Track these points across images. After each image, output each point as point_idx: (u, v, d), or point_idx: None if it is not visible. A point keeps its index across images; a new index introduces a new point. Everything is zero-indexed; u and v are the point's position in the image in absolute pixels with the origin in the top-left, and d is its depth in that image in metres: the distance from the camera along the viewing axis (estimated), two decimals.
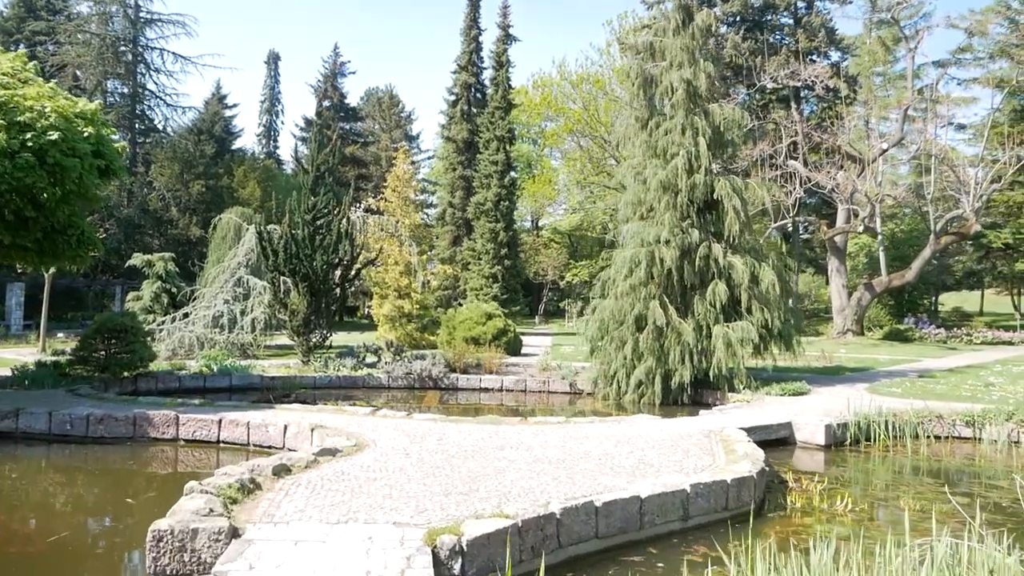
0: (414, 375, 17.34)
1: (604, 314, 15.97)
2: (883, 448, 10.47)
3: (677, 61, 16.37)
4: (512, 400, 16.45)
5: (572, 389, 17.11)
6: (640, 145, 16.51)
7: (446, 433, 9.07)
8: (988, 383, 15.35)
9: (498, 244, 38.03)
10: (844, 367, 19.38)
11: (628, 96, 16.73)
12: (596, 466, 7.26)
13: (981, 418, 11.33)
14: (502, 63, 38.43)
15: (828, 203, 40.99)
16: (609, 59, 48.77)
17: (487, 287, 37.68)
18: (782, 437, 10.70)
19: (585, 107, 47.33)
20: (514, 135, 41.34)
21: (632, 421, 10.45)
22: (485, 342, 22.21)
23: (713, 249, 15.24)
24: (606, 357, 16.03)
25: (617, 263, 16.05)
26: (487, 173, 38.18)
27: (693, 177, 15.46)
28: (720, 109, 16.11)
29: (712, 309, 15.02)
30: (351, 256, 19.50)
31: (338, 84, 57.54)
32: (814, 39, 36.02)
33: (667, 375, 15.13)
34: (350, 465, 7.01)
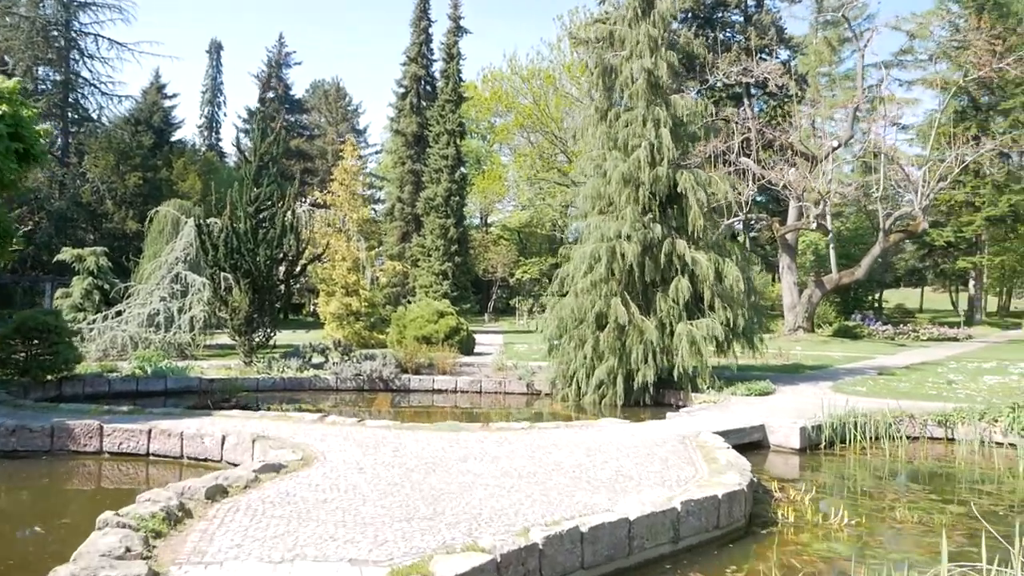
0: (364, 376, 16.47)
1: (563, 312, 15.38)
2: (858, 451, 10.08)
3: (638, 50, 15.84)
4: (467, 402, 15.72)
5: (529, 390, 16.46)
6: (599, 137, 15.94)
7: (402, 442, 8.30)
8: (949, 380, 15.24)
9: (448, 240, 37.22)
10: (803, 365, 19.18)
11: (587, 86, 16.22)
12: (571, 480, 6.60)
13: (953, 418, 11.06)
14: (453, 55, 37.58)
15: (777, 201, 41.31)
16: (560, 54, 48.43)
17: (437, 284, 36.84)
18: (755, 440, 10.22)
19: (535, 102, 46.85)
20: (465, 129, 40.55)
21: (600, 426, 9.83)
22: (437, 341, 21.42)
23: (676, 245, 14.76)
24: (565, 357, 15.44)
25: (576, 259, 15.46)
26: (437, 168, 37.31)
27: (655, 170, 14.95)
28: (683, 100, 15.65)
29: (675, 306, 14.54)
30: (296, 251, 18.50)
31: (283, 75, 55.82)
32: (764, 37, 36.14)
33: (629, 375, 14.61)
34: (296, 484, 6.20)
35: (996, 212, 37.89)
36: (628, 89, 15.95)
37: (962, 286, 55.63)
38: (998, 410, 10.94)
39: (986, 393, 13.70)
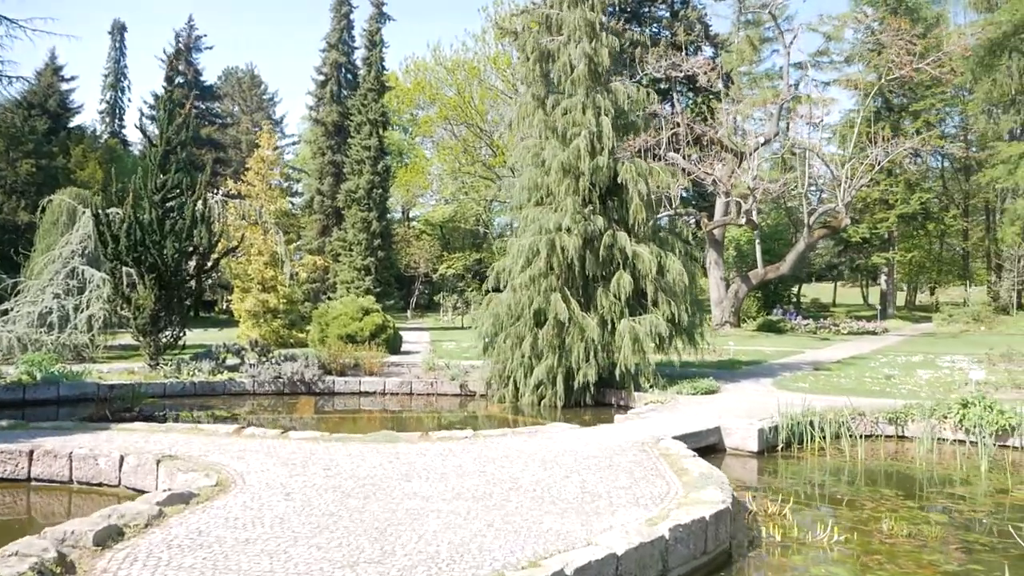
0: (284, 379, 15.26)
1: (499, 308, 14.57)
2: (816, 452, 9.65)
3: (576, 36, 15.14)
4: (397, 404, 14.73)
5: (463, 391, 15.60)
6: (537, 125, 15.17)
7: (334, 458, 7.32)
8: (887, 375, 15.18)
9: (371, 234, 35.87)
10: (738, 361, 18.96)
11: (513, 79, 15.47)
12: (533, 501, 5.79)
13: (904, 415, 10.80)
14: (375, 42, 36.19)
15: (703, 196, 41.63)
16: (484, 46, 47.56)
17: (359, 280, 35.47)
18: (711, 444, 9.66)
19: (460, 94, 45.88)
20: (388, 119, 39.22)
21: (551, 433, 9.06)
22: (362, 340, 20.29)
23: (618, 238, 14.14)
24: (501, 355, 14.64)
25: (513, 252, 14.66)
26: (359, 159, 35.88)
27: (596, 159, 14.29)
28: (624, 87, 15.06)
29: (617, 302, 13.92)
30: (208, 244, 17.04)
31: (193, 60, 52.87)
32: (691, 33, 36.23)
33: (569, 374, 13.93)
34: (211, 518, 5.17)
35: (908, 210, 39.16)
36: (567, 75, 15.23)
37: (872, 281, 57.76)
38: (947, 407, 10.73)
39: (925, 387, 13.64)
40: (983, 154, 41.17)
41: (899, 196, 39.62)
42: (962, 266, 50.15)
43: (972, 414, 10.44)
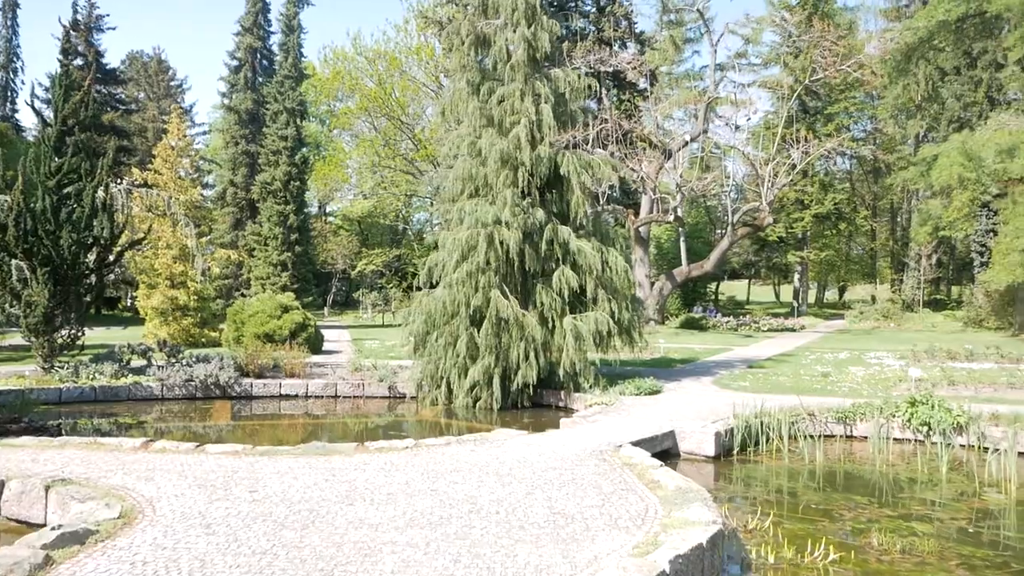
0: (196, 382, 14.02)
1: (432, 306, 13.74)
2: (773, 455, 9.27)
3: (514, 19, 14.44)
4: (322, 408, 13.71)
5: (392, 393, 14.71)
6: (472, 113, 14.39)
7: (260, 476, 6.39)
8: (824, 373, 15.11)
9: (288, 228, 34.30)
10: (671, 358, 18.71)
11: (456, 58, 14.64)
12: (500, 526, 5.06)
13: (853, 414, 10.59)
14: (293, 27, 34.58)
15: (627, 193, 41.70)
16: (407, 37, 46.38)
17: (275, 276, 33.86)
18: (665, 448, 9.14)
19: (380, 85, 44.58)
20: (306, 108, 37.58)
21: (498, 441, 8.34)
22: (282, 339, 19.07)
23: (559, 232, 13.54)
24: (434, 355, 13.82)
25: (448, 247, 13.86)
26: (275, 149, 34.22)
27: (537, 150, 13.65)
28: (564, 74, 14.47)
29: (557, 299, 13.33)
30: (110, 235, 15.53)
31: (94, 40, 49.47)
32: (617, 29, 36.09)
33: (507, 375, 13.26)
34: (113, 564, 4.22)
35: (822, 210, 40.25)
36: (503, 61, 14.52)
37: (783, 279, 59.48)
38: (895, 405, 10.58)
39: (864, 385, 13.59)
40: (891, 157, 42.77)
41: (814, 196, 40.69)
42: (869, 265, 52.13)
43: (921, 412, 10.32)
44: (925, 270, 39.37)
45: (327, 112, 56.70)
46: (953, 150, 25.36)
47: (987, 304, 30.42)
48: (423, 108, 48.61)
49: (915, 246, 39.50)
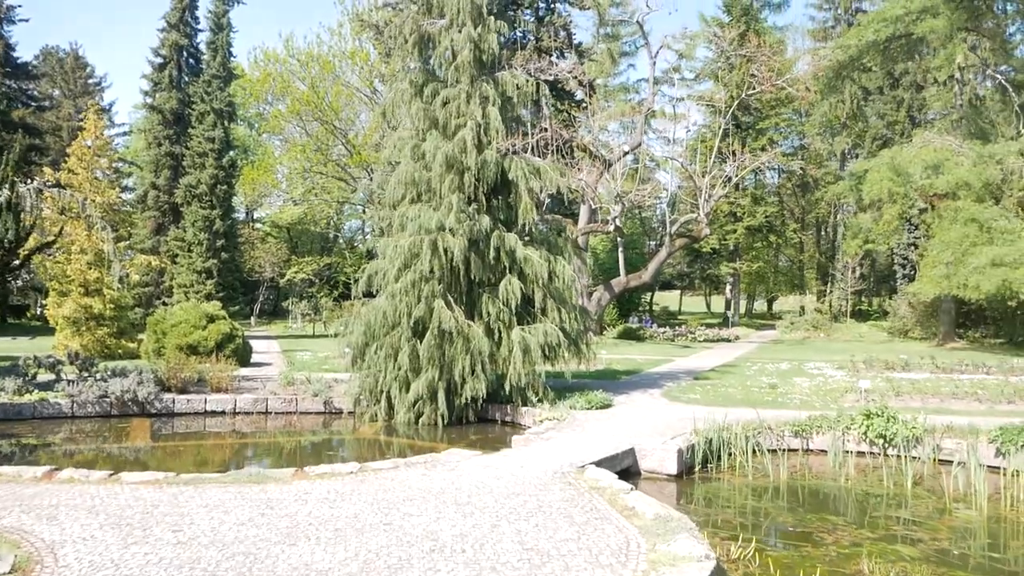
0: (111, 399, 12.90)
1: (372, 316, 13.00)
2: (736, 471, 8.91)
3: (459, 19, 13.89)
4: (252, 426, 12.79)
5: (327, 408, 13.88)
6: (416, 114, 13.75)
7: (186, 511, 5.61)
8: (771, 384, 14.97)
9: (213, 234, 32.78)
10: (615, 370, 18.37)
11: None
12: (469, 569, 4.45)
13: (809, 428, 10.37)
14: (222, 25, 33.17)
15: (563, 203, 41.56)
16: (341, 41, 45.32)
17: (199, 283, 32.29)
18: (626, 467, 8.66)
19: (313, 88, 43.37)
20: (235, 110, 36.12)
21: (451, 463, 7.71)
22: (207, 351, 17.93)
23: (506, 239, 13.00)
24: (373, 368, 13.09)
25: (390, 254, 13.17)
26: (201, 151, 32.71)
27: (483, 154, 13.10)
28: (512, 77, 13.96)
29: (505, 309, 12.78)
30: (16, 237, 14.26)
31: (4, 32, 46.54)
32: (555, 39, 35.93)
33: (451, 389, 12.63)
34: None
35: (754, 222, 40.95)
36: (448, 62, 13.93)
37: (714, 290, 60.48)
38: (850, 418, 10.42)
39: (814, 397, 13.47)
40: (819, 172, 43.92)
41: (746, 209, 41.37)
42: (798, 276, 53.43)
43: (876, 425, 10.17)
44: (852, 282, 40.44)
45: (256, 116, 54.94)
46: (883, 165, 26.01)
47: (912, 315, 31.32)
48: (357, 114, 47.58)
49: (843, 258, 40.56)
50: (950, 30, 26.52)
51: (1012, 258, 22.41)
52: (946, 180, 24.64)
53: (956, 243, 24.06)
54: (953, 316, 28.81)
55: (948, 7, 26.79)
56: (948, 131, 27.54)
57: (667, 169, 45.81)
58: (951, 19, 26.51)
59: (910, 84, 37.62)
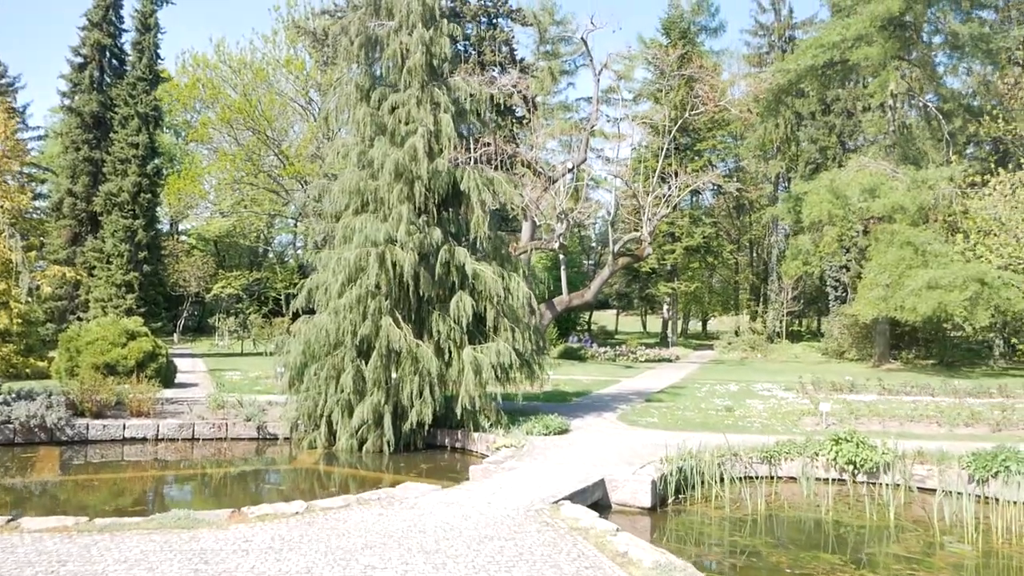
0: (15, 425, 11.60)
1: (313, 334, 12.08)
2: (712, 503, 8.37)
3: (410, 21, 13.18)
4: (177, 455, 11.65)
5: (261, 434, 12.84)
6: (362, 120, 12.92)
7: (100, 571, 4.66)
8: (728, 407, 14.59)
9: (135, 245, 30.89)
10: (565, 392, 17.76)
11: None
12: None
13: (777, 453, 9.94)
14: (149, 25, 31.49)
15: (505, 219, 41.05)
16: (275, 48, 44.01)
17: (119, 298, 30.30)
18: (595, 500, 8.01)
19: (245, 97, 41.87)
20: (161, 114, 34.32)
21: (409, 500, 6.91)
22: (127, 370, 16.56)
23: (457, 253, 12.29)
24: (313, 390, 12.17)
25: (333, 268, 12.28)
26: (124, 157, 30.84)
27: (435, 162, 12.37)
28: (465, 83, 13.31)
29: (456, 328, 12.04)
30: None
31: None
32: (498, 54, 35.55)
33: (399, 413, 11.79)
34: None
35: (693, 243, 41.24)
36: (397, 65, 13.19)
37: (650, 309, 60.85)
38: (819, 444, 10.04)
39: (774, 420, 13.13)
40: (754, 194, 44.66)
41: (685, 230, 41.65)
42: (732, 296, 54.17)
43: (846, 451, 9.82)
44: (787, 303, 41.05)
45: (184, 123, 52.79)
46: (822, 188, 26.37)
47: (847, 336, 31.82)
48: (291, 124, 46.20)
49: (778, 279, 41.18)
50: (884, 58, 27.21)
51: (946, 281, 22.87)
52: (882, 203, 25.11)
53: (893, 266, 24.47)
54: (888, 338, 29.35)
55: (881, 36, 27.52)
56: (882, 156, 28.17)
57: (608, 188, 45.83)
58: (884, 47, 27.21)
59: (841, 111, 38.57)
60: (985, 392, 16.85)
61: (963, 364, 28.25)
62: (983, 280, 22.71)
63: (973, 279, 22.69)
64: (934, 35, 30.36)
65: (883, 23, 26.86)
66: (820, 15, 43.74)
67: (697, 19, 46.33)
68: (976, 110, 29.63)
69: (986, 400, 15.71)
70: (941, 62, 30.78)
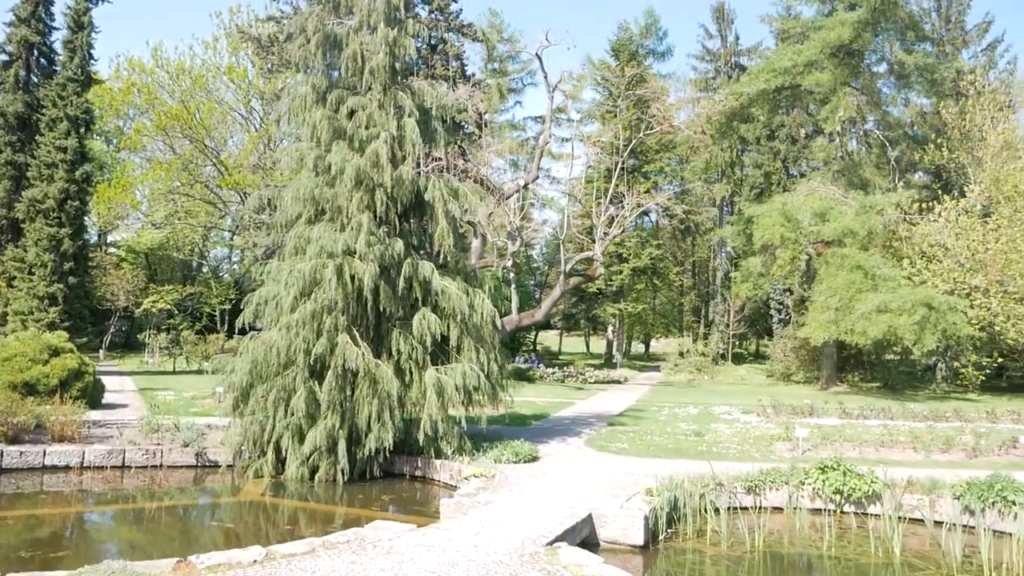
0: None
1: (261, 352, 11.09)
2: (707, 539, 7.76)
3: (371, 20, 12.44)
4: (106, 485, 10.49)
5: (200, 461, 11.75)
6: (320, 123, 12.06)
7: None
8: (697, 432, 14.08)
9: (61, 256, 28.96)
10: (522, 414, 17.06)
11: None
12: None
13: (761, 483, 9.44)
14: (83, 24, 29.78)
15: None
16: (216, 55, 42.53)
17: (41, 311, 28.31)
18: (583, 538, 7.30)
19: (183, 104, 40.22)
20: (93, 118, 32.50)
21: (383, 543, 6.08)
22: (48, 390, 15.12)
23: (420, 268, 11.51)
24: (260, 414, 11.18)
25: (285, 280, 11.33)
26: (50, 162, 28.95)
27: (399, 169, 11.60)
28: (432, 88, 12.60)
29: (419, 347, 11.23)
30: None
31: None
32: (448, 68, 34.97)
33: (355, 439, 10.89)
34: None
35: (640, 264, 41.19)
36: (356, 66, 12.39)
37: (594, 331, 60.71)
38: (804, 472, 9.57)
39: (743, 444, 12.70)
40: (700, 217, 45.01)
41: (632, 251, 41.59)
42: (677, 318, 54.43)
43: (833, 479, 9.38)
44: (733, 324, 41.27)
45: (116, 130, 50.53)
46: (775, 211, 26.47)
47: (794, 358, 31.99)
48: (230, 133, 44.64)
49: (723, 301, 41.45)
50: (834, 84, 27.63)
51: (896, 305, 23.08)
52: (833, 227, 25.32)
53: (843, 289, 24.62)
54: (835, 360, 29.59)
55: (831, 63, 27.98)
56: (829, 181, 28.52)
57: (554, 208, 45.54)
58: (835, 74, 27.65)
59: (786, 137, 39.24)
60: (943, 416, 16.85)
61: (906, 387, 28.63)
62: (930, 304, 22.98)
63: (921, 303, 22.95)
64: (880, 63, 31.09)
65: (833, 50, 27.31)
66: (765, 42, 44.59)
67: (646, 42, 46.64)
68: (920, 138, 30.35)
69: (947, 424, 15.62)
70: (885, 92, 31.50)
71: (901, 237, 26.60)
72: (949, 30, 35.92)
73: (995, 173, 26.15)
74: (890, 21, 27.34)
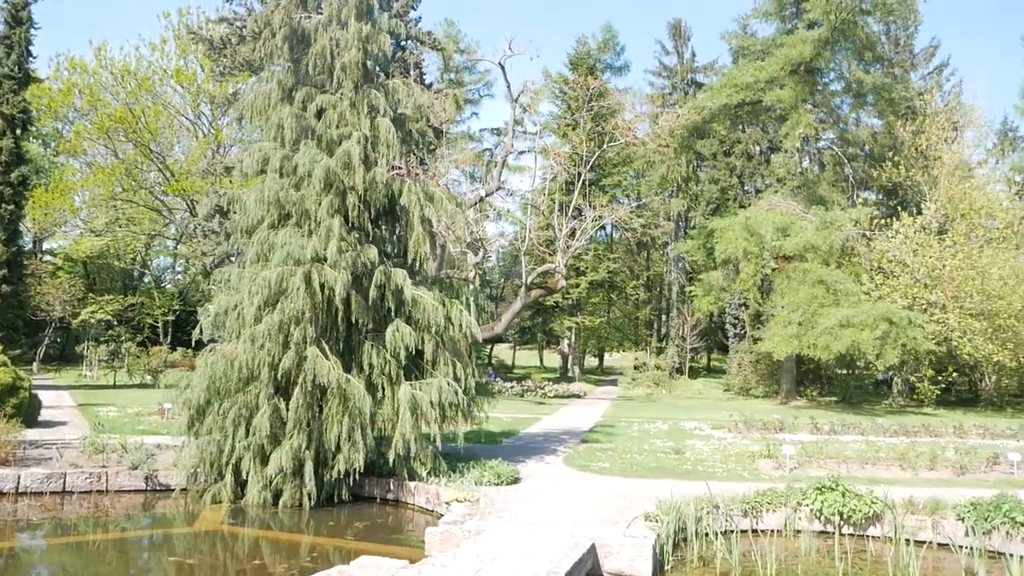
0: None
1: (221, 367, 10.26)
2: (711, 565, 7.24)
3: (343, 14, 11.77)
4: (44, 513, 9.49)
5: (150, 485, 10.80)
6: (287, 122, 11.30)
7: None
8: (676, 449, 13.61)
9: None
10: (491, 432, 16.33)
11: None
12: None
13: (759, 504, 9.00)
14: (21, 19, 28.28)
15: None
16: (164, 58, 41.04)
17: None
18: (588, 570, 6.71)
19: (128, 107, 38.60)
20: (31, 118, 30.89)
21: None
22: None
23: (393, 276, 10.81)
24: (218, 433, 10.33)
25: (247, 289, 10.49)
26: None
27: (372, 172, 10.92)
28: (407, 88, 11.97)
29: (392, 361, 10.53)
30: None
31: None
32: (408, 75, 34.29)
33: (321, 460, 10.11)
34: None
35: (597, 277, 40.98)
36: (325, 63, 11.69)
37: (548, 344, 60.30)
38: (802, 493, 9.17)
39: (728, 462, 12.28)
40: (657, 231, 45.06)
41: (590, 264, 41.36)
42: (631, 332, 54.37)
43: (832, 500, 8.99)
44: (690, 338, 41.27)
45: (54, 132, 48.32)
46: (737, 225, 26.45)
47: (752, 372, 32.01)
48: (177, 138, 43.06)
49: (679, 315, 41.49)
50: (794, 100, 27.85)
51: (858, 320, 23.16)
52: (795, 242, 25.39)
53: (805, 303, 24.66)
54: (794, 375, 29.67)
55: (792, 80, 28.21)
56: (788, 197, 28.68)
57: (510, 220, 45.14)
58: (795, 91, 27.88)
59: (742, 153, 39.57)
60: (912, 432, 16.77)
61: (863, 402, 28.85)
62: (891, 319, 23.13)
63: (882, 318, 23.09)
64: (837, 82, 31.51)
65: (794, 67, 27.55)
66: (722, 60, 45.00)
67: (603, 56, 46.66)
68: (875, 156, 30.81)
69: (925, 440, 15.52)
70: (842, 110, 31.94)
71: (859, 253, 26.85)
72: (898, 52, 36.74)
73: (949, 191, 26.65)
74: (849, 40, 27.73)
